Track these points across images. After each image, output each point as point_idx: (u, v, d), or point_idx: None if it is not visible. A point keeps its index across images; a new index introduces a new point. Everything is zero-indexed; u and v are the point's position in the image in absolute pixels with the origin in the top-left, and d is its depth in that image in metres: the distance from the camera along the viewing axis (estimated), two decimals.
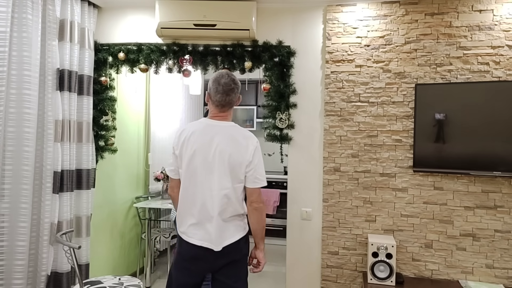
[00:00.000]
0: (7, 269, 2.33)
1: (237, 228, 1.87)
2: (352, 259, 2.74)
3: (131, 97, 3.78)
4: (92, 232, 3.04)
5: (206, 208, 1.82)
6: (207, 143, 1.82)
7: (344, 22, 2.73)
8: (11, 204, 2.33)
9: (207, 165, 1.82)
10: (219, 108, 1.90)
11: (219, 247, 1.81)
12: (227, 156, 1.80)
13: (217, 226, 1.81)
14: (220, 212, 1.81)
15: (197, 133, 1.85)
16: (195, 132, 1.85)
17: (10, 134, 2.32)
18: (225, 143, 1.82)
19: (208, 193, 1.82)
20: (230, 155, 1.80)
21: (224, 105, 1.89)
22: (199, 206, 1.83)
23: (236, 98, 1.93)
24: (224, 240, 1.82)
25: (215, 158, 1.81)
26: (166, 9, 2.73)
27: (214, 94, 1.89)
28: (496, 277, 2.52)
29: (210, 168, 1.81)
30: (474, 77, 2.54)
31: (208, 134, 1.84)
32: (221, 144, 1.81)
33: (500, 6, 2.51)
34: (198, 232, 1.83)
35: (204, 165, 1.82)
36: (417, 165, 2.57)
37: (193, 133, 1.85)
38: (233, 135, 1.85)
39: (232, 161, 1.80)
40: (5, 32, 2.23)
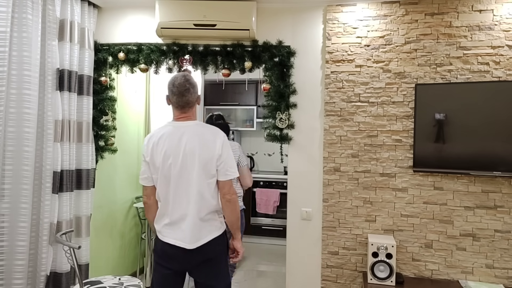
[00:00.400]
0: (7, 269, 2.33)
1: (213, 227, 1.91)
2: (352, 259, 2.74)
3: (131, 97, 3.78)
4: (92, 232, 3.04)
5: (181, 207, 1.86)
6: (175, 144, 1.86)
7: (344, 22, 2.73)
8: (11, 204, 2.33)
9: (179, 165, 1.85)
10: (179, 109, 1.93)
11: (192, 245, 1.84)
12: (197, 153, 1.84)
13: (193, 224, 1.84)
14: (197, 211, 1.85)
15: (165, 137, 1.89)
16: (163, 136, 1.89)
17: (10, 134, 2.32)
18: (193, 141, 1.86)
19: (183, 192, 1.86)
20: (200, 151, 1.84)
21: (183, 106, 1.92)
22: (174, 206, 1.87)
23: (194, 97, 1.94)
24: (199, 240, 1.85)
25: (186, 158, 1.84)
26: (166, 9, 2.73)
27: (171, 96, 1.92)
28: (496, 277, 2.52)
29: (182, 168, 1.85)
30: (474, 77, 2.54)
31: (175, 135, 1.88)
32: (189, 143, 1.85)
33: (500, 6, 2.51)
34: (172, 232, 1.87)
35: (176, 166, 1.85)
36: (417, 165, 2.57)
37: (161, 137, 1.89)
38: (200, 132, 1.89)
39: (203, 157, 1.84)
40: (5, 32, 2.23)
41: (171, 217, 1.87)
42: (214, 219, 1.92)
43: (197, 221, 1.85)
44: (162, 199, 1.90)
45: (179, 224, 1.86)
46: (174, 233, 1.86)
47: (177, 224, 1.86)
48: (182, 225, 1.85)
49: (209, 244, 1.88)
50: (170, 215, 1.87)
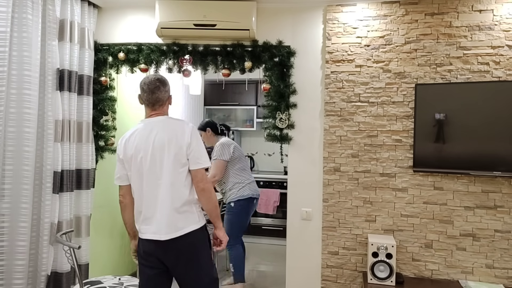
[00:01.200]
0: (7, 269, 2.33)
1: (190, 220, 1.90)
2: (352, 259, 2.74)
3: (131, 97, 3.78)
4: (92, 232, 3.04)
5: (155, 200, 1.87)
6: (145, 138, 1.90)
7: (344, 22, 2.73)
8: (11, 204, 2.33)
9: (149, 158, 1.88)
10: (150, 107, 1.97)
11: (167, 236, 1.84)
12: (166, 144, 1.87)
13: (168, 216, 1.86)
14: (170, 202, 1.86)
15: (136, 133, 1.93)
16: (134, 133, 1.94)
17: (10, 134, 2.32)
18: (162, 133, 1.89)
19: (154, 185, 1.88)
20: (169, 141, 1.87)
21: (154, 103, 1.95)
22: (148, 200, 1.89)
23: (165, 96, 1.97)
24: (175, 231, 1.85)
25: (156, 150, 1.87)
26: (166, 9, 2.73)
27: (142, 94, 1.97)
28: (496, 277, 2.52)
29: (152, 161, 1.88)
30: (474, 77, 2.54)
31: (145, 130, 1.92)
32: (158, 135, 1.89)
33: (500, 6, 2.51)
34: (148, 227, 1.88)
35: (146, 159, 1.88)
36: (417, 165, 2.57)
37: (132, 134, 1.94)
38: (168, 123, 1.93)
39: (172, 147, 1.87)
40: (5, 32, 2.23)
41: (146, 212, 1.89)
42: (191, 211, 1.91)
43: (172, 212, 1.86)
44: (137, 195, 1.92)
45: (154, 217, 1.87)
46: (150, 227, 1.87)
47: (152, 218, 1.88)
48: (157, 217, 1.86)
49: (186, 236, 1.87)
50: (145, 210, 1.89)
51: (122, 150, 1.94)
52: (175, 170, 1.87)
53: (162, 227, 1.85)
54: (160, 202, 1.86)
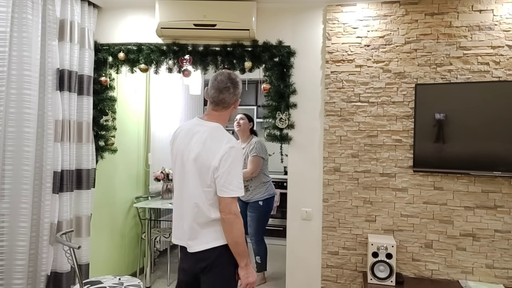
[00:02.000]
0: (7, 269, 2.33)
1: (214, 234, 1.73)
2: (352, 259, 2.74)
3: (131, 97, 3.78)
4: (92, 232, 3.04)
5: (182, 209, 1.79)
6: (185, 144, 1.77)
7: (344, 22, 2.73)
8: (11, 204, 2.33)
9: (182, 168, 1.77)
10: (213, 105, 1.82)
11: (190, 249, 1.75)
12: (195, 158, 1.72)
13: (190, 228, 1.74)
14: (193, 218, 1.74)
15: (182, 134, 1.82)
16: (181, 133, 1.83)
17: (10, 134, 2.32)
18: (198, 145, 1.73)
19: (184, 197, 1.77)
20: (198, 157, 1.71)
21: (217, 103, 1.80)
22: (180, 210, 1.80)
23: (232, 99, 1.80)
24: (198, 245, 1.73)
25: (188, 161, 1.74)
26: (166, 9, 2.73)
27: (210, 89, 1.83)
28: (496, 277, 2.52)
29: (184, 172, 1.76)
30: (474, 77, 2.54)
31: (188, 135, 1.79)
32: (194, 146, 1.73)
33: (500, 6, 2.51)
34: (176, 230, 1.83)
35: (180, 168, 1.78)
36: (417, 165, 2.57)
37: (182, 131, 1.83)
38: (209, 137, 1.73)
39: (199, 164, 1.71)
40: (5, 32, 2.23)
41: (176, 214, 1.83)
42: (215, 229, 1.74)
43: (194, 225, 1.74)
44: (175, 197, 1.84)
45: (181, 225, 1.80)
46: (178, 231, 1.82)
47: (178, 224, 1.82)
48: (183, 226, 1.78)
49: (209, 252, 1.73)
50: (176, 212, 1.83)
51: (171, 144, 1.87)
52: (199, 188, 1.72)
53: (186, 238, 1.77)
54: (186, 215, 1.76)
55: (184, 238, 1.79)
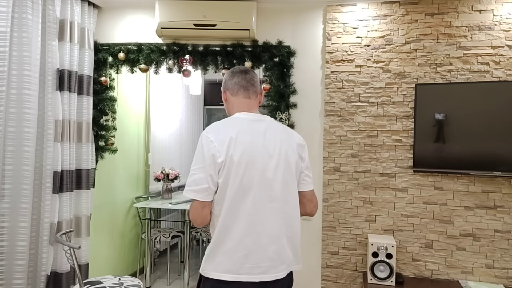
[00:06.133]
0: (7, 269, 2.33)
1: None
2: (352, 259, 2.74)
3: (131, 97, 3.78)
4: (92, 232, 3.04)
5: (274, 231, 1.47)
6: (261, 140, 1.47)
7: (344, 22, 2.73)
8: (11, 204, 2.33)
9: (263, 176, 1.46)
10: (243, 92, 1.53)
11: (283, 273, 1.47)
12: (286, 158, 1.51)
13: (293, 248, 1.53)
14: (294, 233, 1.52)
15: (246, 131, 1.47)
16: (242, 131, 1.46)
17: (10, 134, 2.32)
18: (279, 142, 1.51)
19: (272, 212, 1.47)
20: (290, 150, 1.54)
21: (248, 88, 1.53)
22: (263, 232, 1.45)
23: (258, 84, 1.58)
24: (293, 264, 1.53)
25: (281, 159, 1.50)
26: (166, 9, 2.73)
27: (230, 79, 1.56)
28: (496, 277, 2.52)
29: (268, 179, 1.47)
30: (474, 77, 2.54)
31: (259, 129, 1.49)
32: (276, 145, 1.50)
33: (500, 6, 2.51)
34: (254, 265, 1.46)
35: (260, 177, 1.45)
36: (417, 165, 2.57)
37: (240, 132, 1.45)
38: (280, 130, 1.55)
39: (292, 163, 1.54)
40: (5, 32, 2.23)
41: (252, 242, 1.44)
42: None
43: (295, 242, 1.53)
44: (231, 216, 1.40)
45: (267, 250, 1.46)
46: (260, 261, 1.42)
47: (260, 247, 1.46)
48: (276, 248, 1.46)
49: (291, 272, 1.54)
50: (252, 239, 1.42)
51: (224, 151, 1.38)
52: (295, 193, 1.51)
53: (279, 263, 1.42)
54: (278, 233, 1.43)
55: (277, 267, 1.41)
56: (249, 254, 1.37)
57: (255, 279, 1.36)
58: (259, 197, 1.39)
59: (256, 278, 1.37)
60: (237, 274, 1.36)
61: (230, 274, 1.36)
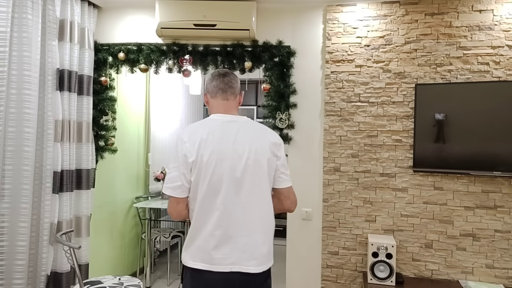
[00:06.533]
0: (7, 269, 2.33)
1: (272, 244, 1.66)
2: (352, 259, 2.74)
3: (131, 97, 3.78)
4: (92, 232, 3.04)
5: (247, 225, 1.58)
6: (232, 140, 1.58)
7: (344, 22, 2.73)
8: (11, 204, 2.33)
9: (233, 174, 1.57)
10: (221, 94, 1.64)
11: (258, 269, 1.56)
12: (255, 157, 1.60)
13: (264, 243, 1.60)
14: (267, 229, 1.61)
15: (216, 132, 1.59)
16: (212, 131, 1.58)
17: (10, 134, 2.32)
18: (249, 142, 1.61)
19: (244, 207, 1.58)
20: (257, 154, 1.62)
21: (226, 90, 1.63)
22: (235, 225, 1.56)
23: (237, 85, 1.67)
24: (267, 262, 1.59)
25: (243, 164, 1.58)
26: (166, 9, 2.73)
27: (210, 82, 1.66)
28: (496, 277, 2.52)
29: (237, 177, 1.57)
30: (474, 77, 2.54)
31: (226, 135, 1.59)
32: (246, 144, 1.60)
33: (500, 6, 2.51)
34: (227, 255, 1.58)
35: (229, 175, 1.56)
36: (417, 165, 2.57)
37: (210, 132, 1.57)
38: (253, 129, 1.65)
39: (263, 161, 1.63)
40: (5, 32, 2.23)
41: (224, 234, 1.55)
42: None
43: (267, 238, 1.61)
44: (206, 211, 1.51)
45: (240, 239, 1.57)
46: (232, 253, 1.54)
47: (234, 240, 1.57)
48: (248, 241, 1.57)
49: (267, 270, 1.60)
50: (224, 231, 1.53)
51: (195, 151, 1.49)
52: (268, 190, 1.58)
53: (253, 257, 1.51)
54: (251, 228, 1.52)
55: (248, 260, 1.50)
56: (220, 245, 1.48)
57: (225, 269, 1.47)
58: (229, 195, 1.50)
59: (226, 268, 1.47)
60: (209, 264, 1.47)
61: (203, 263, 1.48)
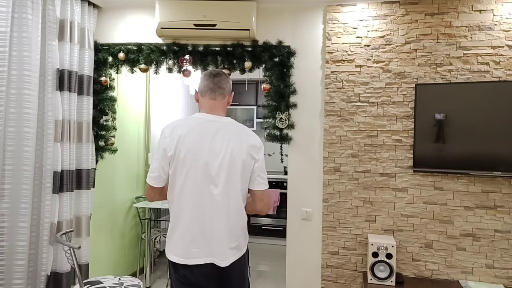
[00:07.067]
0: (7, 269, 2.33)
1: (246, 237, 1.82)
2: (352, 259, 2.74)
3: (131, 97, 3.78)
4: (92, 232, 3.04)
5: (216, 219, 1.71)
6: (210, 138, 1.71)
7: (344, 22, 2.73)
8: (11, 204, 2.33)
9: (206, 171, 1.69)
10: (209, 93, 1.71)
11: (226, 262, 1.71)
12: (231, 156, 1.73)
13: (232, 237, 1.74)
14: (237, 223, 1.74)
15: (195, 130, 1.69)
16: (192, 129, 1.68)
17: (10, 134, 2.32)
18: (228, 142, 1.72)
19: (215, 202, 1.71)
20: (234, 154, 1.73)
21: (214, 90, 1.70)
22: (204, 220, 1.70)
23: (227, 86, 1.74)
24: (238, 253, 1.73)
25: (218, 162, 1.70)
26: (166, 9, 2.73)
27: (201, 82, 1.74)
28: (496, 277, 2.52)
29: (210, 175, 1.69)
30: (474, 77, 2.54)
31: (205, 133, 1.71)
32: (223, 144, 1.70)
33: (500, 6, 2.51)
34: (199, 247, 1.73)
35: (202, 171, 1.68)
36: (417, 165, 2.57)
37: (190, 130, 1.68)
38: (234, 132, 1.75)
39: (238, 161, 1.74)
40: (5, 32, 2.23)
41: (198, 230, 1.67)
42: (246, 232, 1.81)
43: (237, 231, 1.75)
44: (185, 205, 1.61)
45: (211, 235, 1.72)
46: (203, 246, 1.68)
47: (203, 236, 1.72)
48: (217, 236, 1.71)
49: (242, 257, 1.76)
50: (198, 227, 1.65)
51: (173, 147, 1.58)
52: (238, 188, 1.66)
53: (221, 250, 1.62)
54: (219, 223, 1.62)
55: (218, 253, 1.60)
56: (194, 241, 1.58)
57: (199, 262, 1.57)
58: (203, 191, 1.59)
59: (200, 261, 1.57)
60: (185, 258, 1.58)
61: (180, 257, 1.58)
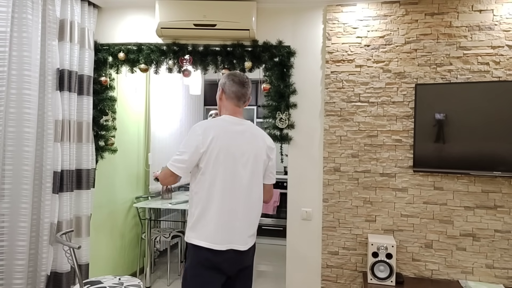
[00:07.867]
0: (7, 269, 2.33)
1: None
2: (352, 259, 2.74)
3: (131, 97, 3.78)
4: (92, 232, 3.04)
5: (243, 210, 1.89)
6: (234, 144, 1.87)
7: (344, 22, 2.73)
8: (11, 204, 2.33)
9: (234, 167, 1.87)
10: (236, 101, 1.87)
11: (247, 246, 1.89)
12: (256, 155, 1.92)
13: (252, 226, 1.93)
14: (257, 215, 1.95)
15: (227, 130, 1.86)
16: (225, 130, 1.85)
17: (10, 134, 2.32)
18: (252, 143, 1.91)
19: (243, 195, 1.89)
20: (258, 153, 1.94)
21: (240, 98, 1.86)
22: (235, 209, 1.86)
23: (249, 94, 1.92)
24: (253, 240, 1.94)
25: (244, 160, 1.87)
26: (166, 9, 2.73)
27: (230, 86, 1.86)
28: (496, 277, 2.52)
29: (237, 170, 1.87)
30: (474, 77, 2.54)
31: (235, 134, 1.86)
32: (249, 144, 1.90)
33: (500, 6, 2.51)
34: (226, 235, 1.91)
35: (232, 167, 1.86)
36: (417, 165, 2.57)
37: (223, 131, 1.85)
38: (255, 133, 1.95)
39: (260, 160, 1.94)
40: (5, 32, 2.23)
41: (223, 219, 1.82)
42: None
43: (255, 221, 1.94)
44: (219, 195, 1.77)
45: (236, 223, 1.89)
46: (230, 234, 1.84)
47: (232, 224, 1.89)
48: (242, 224, 1.89)
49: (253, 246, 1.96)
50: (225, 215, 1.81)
51: (207, 144, 1.75)
52: (260, 184, 1.89)
53: (244, 237, 1.82)
54: (246, 213, 1.82)
55: (241, 239, 1.80)
56: (222, 228, 1.75)
57: (223, 248, 1.74)
58: (231, 186, 1.78)
59: (224, 247, 1.74)
60: (212, 243, 1.73)
61: (208, 242, 1.73)
